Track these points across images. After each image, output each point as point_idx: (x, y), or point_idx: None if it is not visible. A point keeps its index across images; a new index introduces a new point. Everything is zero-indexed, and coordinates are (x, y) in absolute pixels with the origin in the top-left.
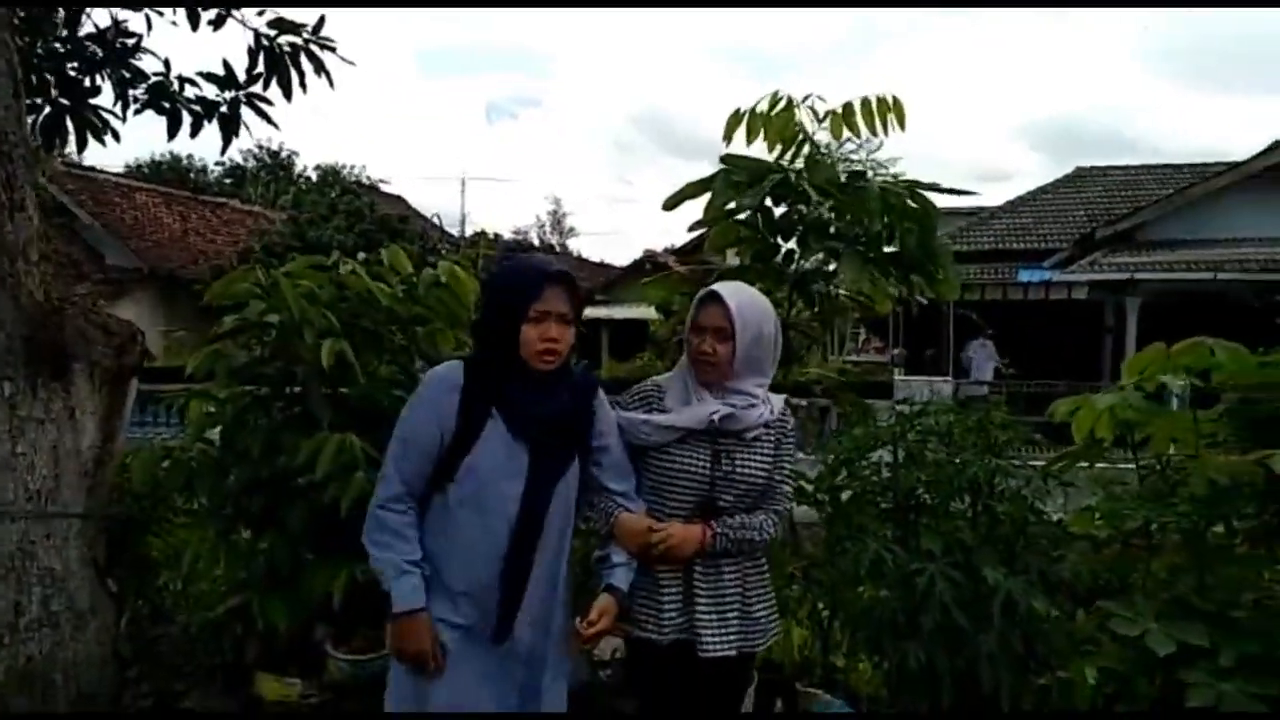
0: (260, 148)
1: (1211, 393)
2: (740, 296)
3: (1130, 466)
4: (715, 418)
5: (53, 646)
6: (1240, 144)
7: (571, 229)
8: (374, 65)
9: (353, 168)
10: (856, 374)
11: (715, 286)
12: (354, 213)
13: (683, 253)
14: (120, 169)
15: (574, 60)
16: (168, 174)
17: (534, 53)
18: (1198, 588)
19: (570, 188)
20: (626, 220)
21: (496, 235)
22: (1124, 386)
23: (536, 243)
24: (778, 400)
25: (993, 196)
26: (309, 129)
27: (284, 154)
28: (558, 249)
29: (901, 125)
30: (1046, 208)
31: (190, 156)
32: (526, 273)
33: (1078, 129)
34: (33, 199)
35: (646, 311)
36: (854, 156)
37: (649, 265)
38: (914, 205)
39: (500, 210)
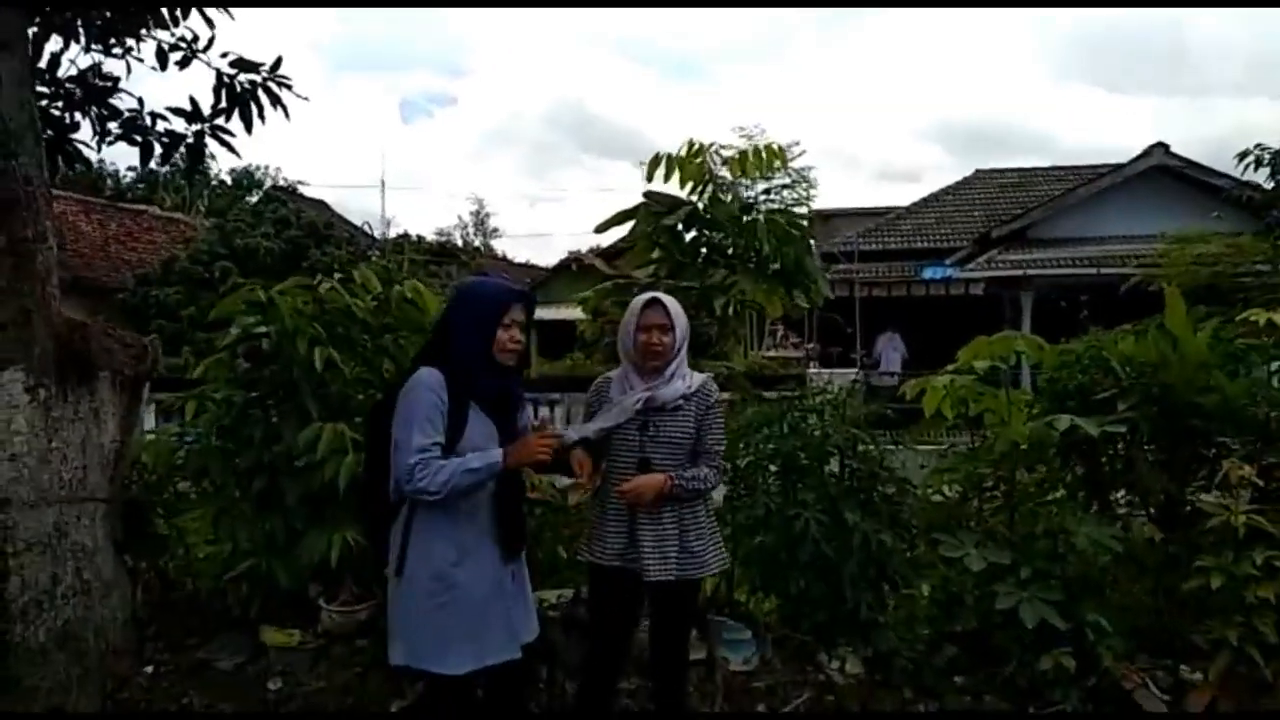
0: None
1: None
2: (671, 301)
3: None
4: (636, 406)
5: (85, 611)
6: (1135, 141)
7: (495, 230)
8: (282, 62)
9: (266, 168)
10: (772, 367)
11: (653, 294)
12: (280, 219)
13: (608, 255)
14: None
15: (489, 58)
16: (81, 179)
17: (446, 51)
18: (1008, 522)
19: (491, 188)
20: (549, 220)
21: (420, 238)
22: (957, 370)
23: (460, 244)
24: (699, 376)
25: (903, 197)
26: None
27: None
28: (482, 250)
29: (785, 166)
30: (948, 208)
31: (101, 162)
32: (500, 291)
33: (985, 129)
34: (53, 231)
35: (573, 312)
36: (777, 163)
37: (575, 266)
38: (792, 230)
39: (422, 211)
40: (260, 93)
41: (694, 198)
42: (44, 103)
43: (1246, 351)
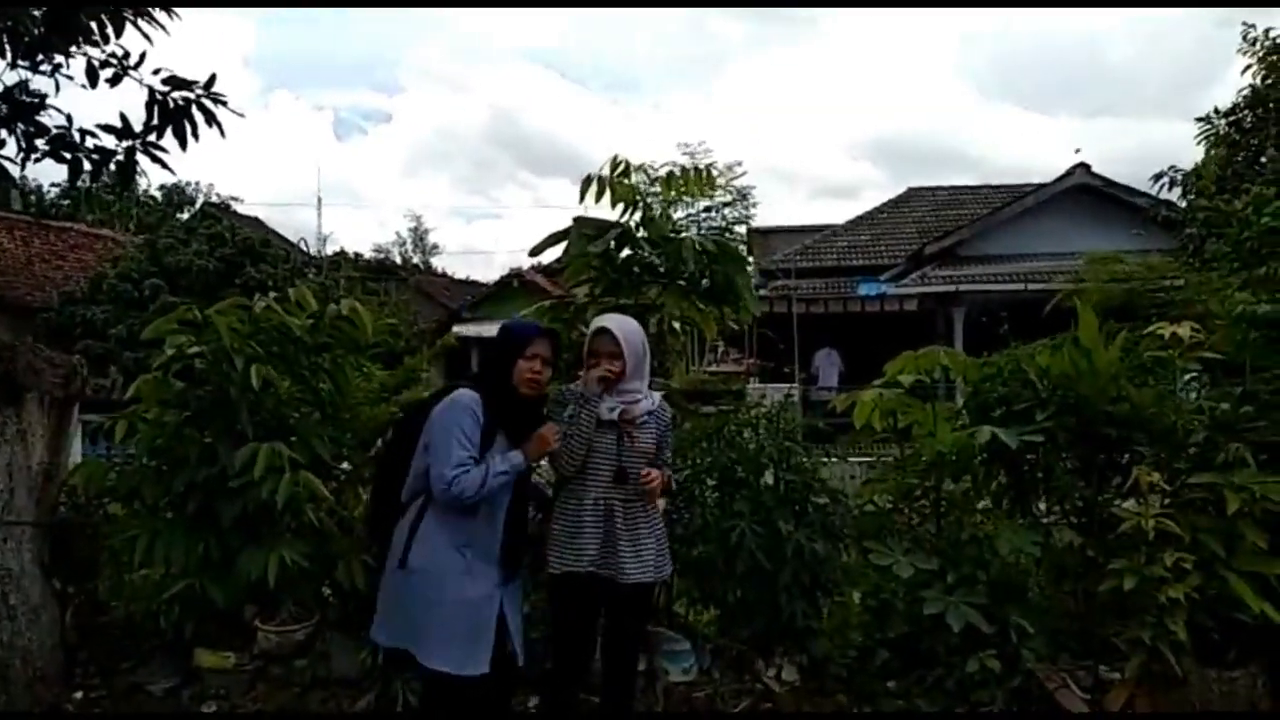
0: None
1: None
2: (624, 327)
3: None
4: (614, 415)
5: (11, 636)
6: (1059, 160)
7: (434, 246)
8: (216, 79)
9: (197, 184)
10: (713, 382)
11: (603, 321)
12: (214, 237)
13: (549, 271)
14: None
15: (424, 75)
16: None
17: (381, 67)
18: (935, 530)
19: (429, 204)
20: (488, 236)
21: (357, 255)
22: (885, 384)
23: (399, 261)
24: (656, 396)
25: (841, 213)
26: None
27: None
28: (421, 267)
29: (713, 188)
30: (882, 225)
31: (24, 177)
32: (525, 328)
33: (917, 147)
34: None
35: None
36: (718, 182)
37: (517, 283)
38: (720, 251)
39: (360, 227)
40: (194, 109)
41: (625, 218)
42: None
43: (1154, 363)
